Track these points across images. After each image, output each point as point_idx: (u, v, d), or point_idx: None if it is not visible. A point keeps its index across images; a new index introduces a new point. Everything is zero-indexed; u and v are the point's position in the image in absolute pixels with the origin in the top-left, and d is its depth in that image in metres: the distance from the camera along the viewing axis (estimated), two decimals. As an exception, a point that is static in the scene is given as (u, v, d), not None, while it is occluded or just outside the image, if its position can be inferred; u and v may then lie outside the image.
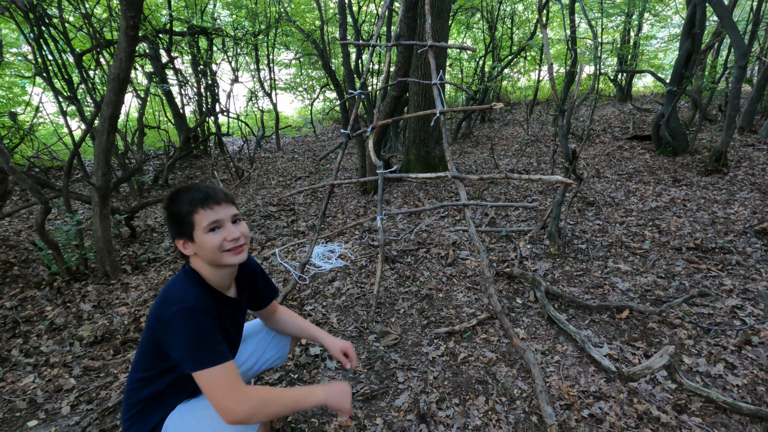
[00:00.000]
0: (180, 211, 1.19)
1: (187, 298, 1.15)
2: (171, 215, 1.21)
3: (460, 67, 10.84)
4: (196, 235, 1.19)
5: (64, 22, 4.30)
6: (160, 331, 1.14)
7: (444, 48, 5.07)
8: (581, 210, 4.10)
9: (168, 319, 1.12)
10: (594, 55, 8.26)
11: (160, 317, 1.14)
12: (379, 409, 1.80)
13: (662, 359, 1.60)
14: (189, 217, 1.19)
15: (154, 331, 1.17)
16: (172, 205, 1.21)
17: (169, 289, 1.19)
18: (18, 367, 2.18)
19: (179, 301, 1.14)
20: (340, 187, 5.74)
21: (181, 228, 1.21)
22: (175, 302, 1.14)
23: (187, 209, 1.19)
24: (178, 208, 1.20)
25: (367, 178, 3.12)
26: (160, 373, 1.24)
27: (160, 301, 1.17)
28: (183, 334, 1.11)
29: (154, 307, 1.18)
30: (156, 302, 1.19)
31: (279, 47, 10.44)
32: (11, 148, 5.92)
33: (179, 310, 1.12)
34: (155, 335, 1.17)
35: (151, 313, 1.20)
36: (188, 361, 1.11)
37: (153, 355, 1.21)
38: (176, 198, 1.21)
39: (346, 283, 2.97)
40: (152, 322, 1.18)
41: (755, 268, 2.77)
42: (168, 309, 1.13)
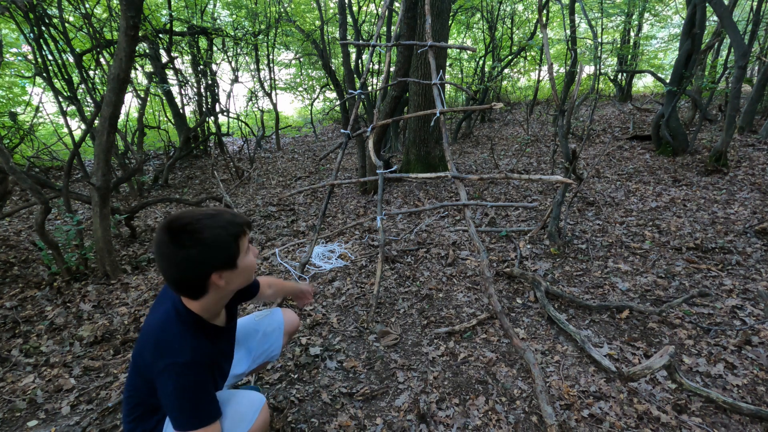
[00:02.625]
0: (223, 240, 1.07)
1: (182, 350, 1.07)
2: (211, 247, 1.05)
3: (460, 67, 10.84)
4: (240, 260, 1.11)
5: (64, 22, 4.30)
6: (149, 378, 1.09)
7: (444, 48, 5.07)
8: (581, 210, 4.10)
9: (161, 371, 1.05)
10: (594, 55, 8.26)
11: (151, 365, 1.07)
12: (379, 409, 1.80)
13: (662, 359, 1.60)
14: (235, 244, 1.09)
15: (145, 373, 1.11)
16: (209, 236, 1.04)
17: (162, 333, 1.09)
18: (18, 367, 2.18)
19: (174, 352, 1.06)
20: (340, 187, 5.74)
21: (224, 257, 1.08)
22: (169, 353, 1.06)
23: (231, 236, 1.08)
24: (219, 236, 1.06)
25: (367, 178, 3.12)
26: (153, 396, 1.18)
27: (153, 347, 1.08)
28: (174, 390, 1.05)
29: (144, 348, 1.10)
30: (146, 343, 1.11)
31: (279, 47, 10.43)
32: (11, 148, 5.92)
33: (174, 364, 1.05)
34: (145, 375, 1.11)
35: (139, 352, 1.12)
36: (174, 419, 1.06)
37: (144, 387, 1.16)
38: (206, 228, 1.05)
39: (346, 283, 2.97)
40: (141, 365, 1.11)
41: (755, 268, 2.77)
42: (161, 360, 1.05)
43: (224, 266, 1.09)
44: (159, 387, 1.06)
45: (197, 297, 1.12)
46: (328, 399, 1.85)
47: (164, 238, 1.03)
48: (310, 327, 2.44)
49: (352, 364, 2.08)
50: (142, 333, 1.17)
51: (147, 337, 1.11)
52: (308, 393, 1.91)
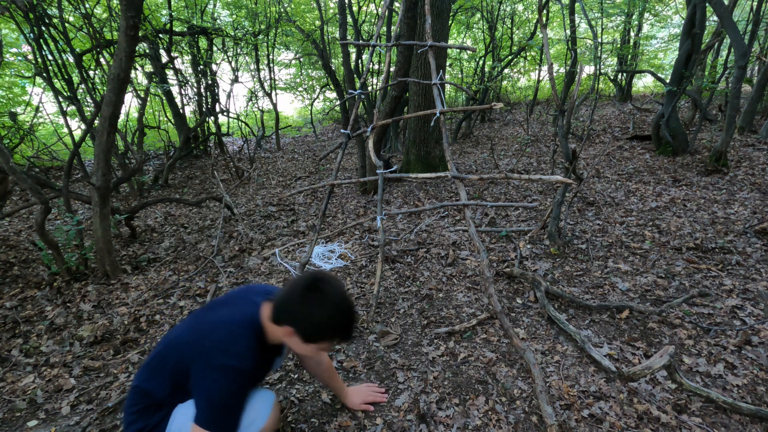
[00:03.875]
0: (328, 329, 1.18)
1: (244, 358, 1.13)
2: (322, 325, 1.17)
3: (460, 67, 10.84)
4: (311, 347, 1.21)
5: (64, 22, 4.30)
6: (197, 367, 1.12)
7: (444, 48, 5.07)
8: (581, 210, 4.10)
9: (215, 366, 1.11)
10: (594, 55, 8.26)
11: (206, 356, 1.12)
12: (379, 409, 1.80)
13: (662, 359, 1.60)
14: (329, 339, 1.20)
15: (189, 362, 1.15)
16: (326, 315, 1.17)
17: (235, 330, 1.16)
18: (18, 367, 2.18)
19: (236, 356, 1.12)
20: (340, 187, 5.74)
21: (314, 336, 1.19)
22: (230, 355, 1.12)
23: (336, 332, 1.19)
24: (331, 323, 1.18)
25: (367, 178, 3.12)
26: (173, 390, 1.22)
27: (215, 342, 1.14)
28: (218, 389, 1.10)
29: (202, 337, 1.15)
30: (205, 333, 1.16)
31: (279, 47, 10.43)
32: (11, 148, 5.92)
33: (231, 367, 1.11)
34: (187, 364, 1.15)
35: (190, 339, 1.17)
36: (201, 413, 1.11)
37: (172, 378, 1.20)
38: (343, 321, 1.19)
39: (346, 283, 2.97)
40: (192, 352, 1.15)
41: (755, 268, 2.77)
42: (220, 356, 1.11)
43: (310, 341, 1.20)
44: (202, 379, 1.11)
45: (279, 324, 1.21)
46: (328, 399, 1.85)
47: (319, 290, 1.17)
48: (310, 327, 2.44)
49: (352, 364, 2.08)
50: (202, 320, 1.22)
51: (213, 327, 1.16)
52: (308, 393, 1.91)
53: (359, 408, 1.76)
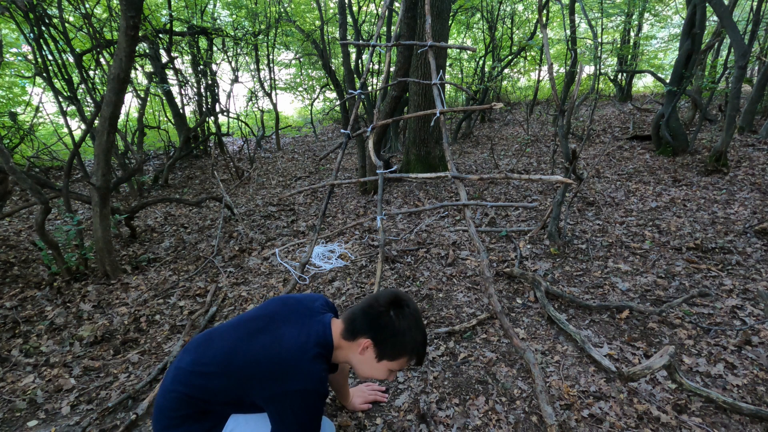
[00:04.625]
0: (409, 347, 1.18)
1: (316, 380, 1.09)
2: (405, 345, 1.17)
3: (460, 67, 10.84)
4: (383, 365, 1.19)
5: (64, 22, 4.30)
6: (273, 390, 1.07)
7: (444, 48, 5.07)
8: (581, 210, 4.10)
9: (286, 392, 1.06)
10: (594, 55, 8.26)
11: (283, 380, 1.06)
12: (379, 409, 1.80)
13: (662, 359, 1.60)
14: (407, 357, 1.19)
15: (259, 382, 1.09)
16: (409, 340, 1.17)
17: (308, 355, 1.11)
18: (18, 367, 2.18)
19: (308, 379, 1.07)
20: (340, 187, 5.74)
21: (394, 352, 1.18)
22: (302, 378, 1.07)
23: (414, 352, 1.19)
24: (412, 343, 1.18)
25: (367, 178, 3.12)
26: (227, 402, 1.17)
27: (293, 365, 1.08)
28: (295, 416, 1.06)
29: (274, 358, 1.09)
30: (277, 354, 1.10)
31: (279, 47, 10.43)
32: (11, 148, 5.92)
33: (305, 391, 1.06)
34: (256, 384, 1.09)
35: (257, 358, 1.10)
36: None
37: (230, 391, 1.14)
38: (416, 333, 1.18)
39: (346, 283, 2.97)
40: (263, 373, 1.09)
41: (755, 268, 2.77)
42: (292, 382, 1.06)
43: (386, 357, 1.19)
44: (274, 406, 1.08)
45: (347, 338, 1.20)
46: (328, 399, 1.85)
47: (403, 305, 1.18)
48: (310, 327, 2.44)
49: (352, 364, 2.08)
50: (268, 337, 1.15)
51: (287, 349, 1.11)
52: (308, 393, 1.91)
53: (359, 409, 1.76)
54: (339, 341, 1.20)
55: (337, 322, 1.24)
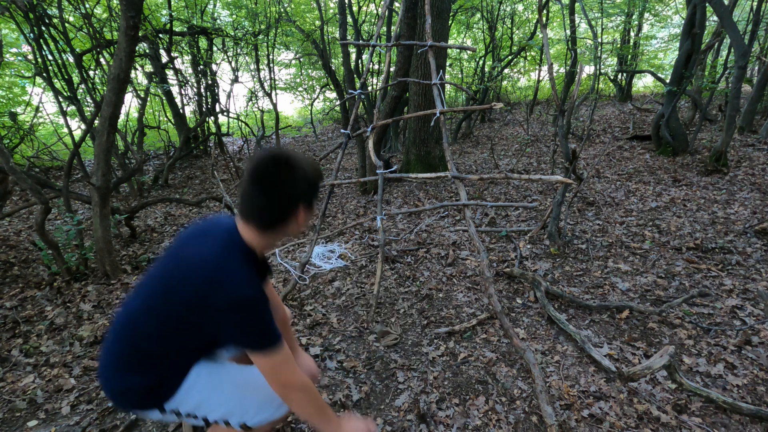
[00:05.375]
0: (315, 179, 1.14)
1: (244, 283, 1.04)
2: (307, 181, 1.12)
3: (460, 67, 10.84)
4: (313, 205, 1.17)
5: (64, 22, 4.30)
6: (206, 317, 1.04)
7: (444, 48, 5.07)
8: (581, 210, 4.10)
9: (225, 309, 1.02)
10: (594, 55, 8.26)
11: (210, 303, 1.02)
12: (379, 409, 1.80)
13: (662, 359, 1.60)
14: (318, 186, 1.16)
15: (193, 312, 1.05)
16: (308, 171, 1.12)
17: (219, 265, 1.05)
18: (18, 367, 2.18)
19: (236, 285, 1.02)
20: (340, 187, 5.74)
21: (313, 193, 1.15)
22: (231, 286, 1.02)
23: (318, 178, 1.15)
24: (314, 174, 1.14)
25: (367, 178, 3.12)
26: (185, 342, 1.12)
27: (205, 280, 1.03)
28: (243, 326, 1.03)
29: (193, 281, 1.04)
30: (193, 274, 1.05)
31: (279, 47, 10.42)
32: (11, 148, 5.92)
33: (238, 300, 1.02)
34: (193, 316, 1.05)
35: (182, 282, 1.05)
36: (249, 348, 1.06)
37: (180, 327, 1.09)
38: (306, 165, 1.12)
39: (346, 283, 2.97)
40: (191, 301, 1.04)
41: (755, 268, 2.77)
42: (222, 294, 1.02)
43: (308, 202, 1.14)
44: (222, 326, 1.04)
45: (272, 227, 1.13)
46: (328, 399, 1.85)
47: (270, 164, 1.07)
48: (310, 327, 2.44)
49: (352, 364, 2.08)
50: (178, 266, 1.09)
51: (199, 268, 1.06)
52: (308, 393, 1.91)
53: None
54: (253, 236, 1.14)
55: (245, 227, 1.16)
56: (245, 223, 1.13)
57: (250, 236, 1.14)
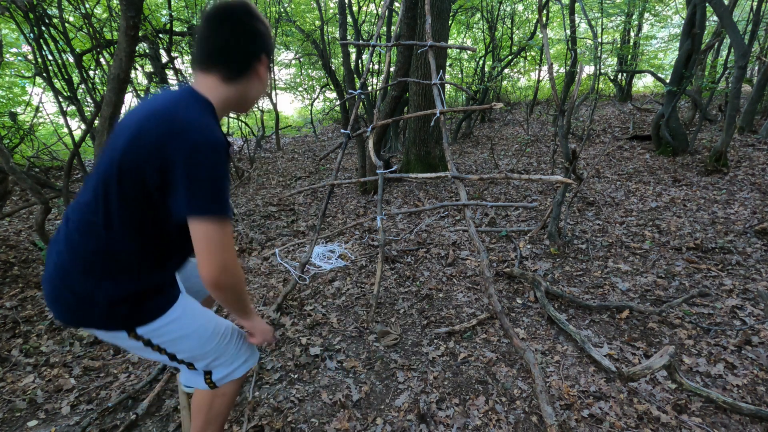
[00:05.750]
0: (269, 35, 1.09)
1: (213, 130, 0.94)
2: (267, 34, 1.08)
3: (460, 67, 10.84)
4: (270, 63, 1.14)
5: (64, 22, 4.30)
6: (167, 159, 0.91)
7: (444, 48, 5.07)
8: (581, 210, 4.10)
9: (183, 158, 0.90)
10: (594, 55, 8.26)
11: (167, 155, 0.91)
12: (379, 409, 1.80)
13: (662, 359, 1.60)
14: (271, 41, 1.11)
15: (148, 175, 0.92)
16: (267, 25, 1.08)
17: (185, 110, 0.95)
18: (18, 367, 2.18)
19: (205, 129, 0.93)
20: (340, 187, 5.74)
21: (271, 47, 1.10)
22: (199, 129, 0.92)
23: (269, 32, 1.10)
24: (269, 31, 1.09)
25: (367, 178, 3.12)
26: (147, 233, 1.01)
27: (162, 132, 0.92)
28: (206, 170, 0.91)
29: (148, 135, 0.92)
30: (156, 122, 0.93)
31: (279, 47, 10.43)
32: (11, 148, 5.92)
33: (207, 142, 0.92)
34: (150, 179, 0.93)
35: (134, 142, 0.93)
36: (204, 209, 0.93)
37: (137, 206, 0.97)
38: (264, 19, 1.08)
39: (346, 283, 2.97)
40: (146, 161, 0.92)
41: (755, 268, 2.77)
42: (182, 139, 0.91)
43: (268, 55, 1.10)
44: (183, 168, 0.91)
45: (237, 74, 1.05)
46: (328, 399, 1.85)
47: (235, 6, 1.03)
48: (310, 327, 2.44)
49: (352, 364, 2.09)
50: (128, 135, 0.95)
51: (156, 115, 0.94)
52: (308, 393, 1.91)
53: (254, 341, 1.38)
54: (211, 92, 1.05)
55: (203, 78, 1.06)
56: (205, 76, 1.04)
57: (211, 89, 1.04)
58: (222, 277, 0.98)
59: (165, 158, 0.92)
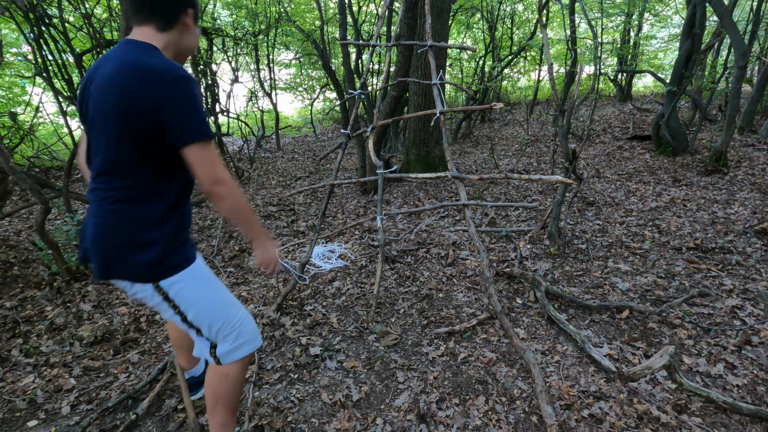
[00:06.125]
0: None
1: (178, 67, 1.09)
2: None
3: (460, 67, 10.84)
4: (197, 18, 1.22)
5: (64, 22, 4.30)
6: (158, 94, 1.04)
7: (444, 48, 5.07)
8: (581, 210, 4.10)
9: (171, 81, 1.05)
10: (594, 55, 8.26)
11: (160, 78, 1.04)
12: (379, 409, 1.80)
13: (662, 359, 1.60)
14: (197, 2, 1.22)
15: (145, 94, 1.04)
16: None
17: (149, 59, 1.07)
18: (18, 367, 2.18)
19: (172, 68, 1.07)
20: (340, 187, 5.74)
21: (196, 3, 1.21)
22: (169, 69, 1.06)
23: None
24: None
25: (367, 178, 3.12)
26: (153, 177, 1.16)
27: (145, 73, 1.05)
28: (188, 99, 1.07)
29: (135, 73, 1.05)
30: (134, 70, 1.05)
31: (279, 47, 10.43)
32: (11, 148, 5.92)
33: (182, 77, 1.06)
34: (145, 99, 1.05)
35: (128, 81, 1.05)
36: (195, 129, 1.09)
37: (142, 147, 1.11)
38: None
39: (346, 283, 2.97)
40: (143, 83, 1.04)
41: (755, 268, 2.77)
42: (166, 75, 1.05)
43: (194, 11, 1.21)
44: (172, 104, 1.06)
45: (169, 23, 1.17)
46: (328, 399, 1.85)
47: None
48: (310, 327, 2.44)
49: (352, 364, 2.09)
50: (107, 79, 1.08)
51: (128, 69, 1.06)
52: (308, 393, 1.91)
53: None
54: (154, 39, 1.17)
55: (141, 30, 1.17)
56: (140, 28, 1.16)
57: (149, 38, 1.16)
58: (219, 187, 1.14)
59: (154, 103, 1.05)
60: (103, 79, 1.09)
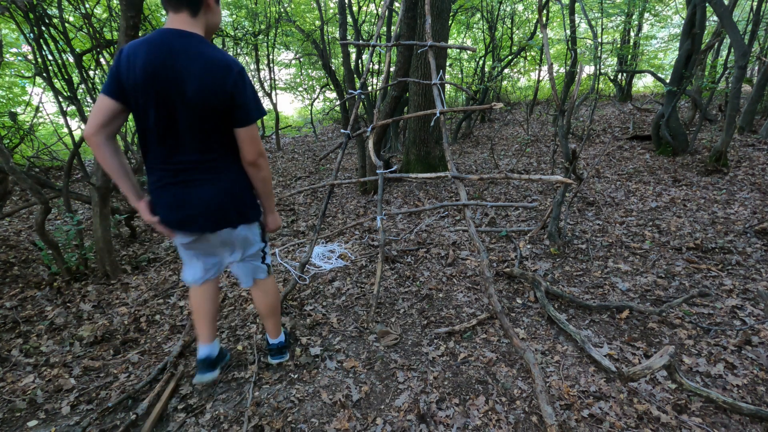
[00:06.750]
0: None
1: (233, 58, 1.35)
2: None
3: (460, 67, 10.84)
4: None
5: (64, 22, 4.30)
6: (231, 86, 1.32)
7: (444, 48, 5.07)
8: (581, 210, 4.10)
9: (238, 72, 1.33)
10: (594, 55, 8.26)
11: (230, 71, 1.31)
12: (379, 409, 1.80)
13: (662, 359, 1.60)
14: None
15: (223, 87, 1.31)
16: None
17: (216, 52, 1.33)
18: (18, 367, 2.18)
19: (232, 60, 1.34)
20: (340, 187, 5.74)
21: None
22: (235, 61, 1.34)
23: None
24: None
25: (367, 178, 3.12)
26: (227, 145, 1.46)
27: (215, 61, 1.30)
28: (251, 87, 1.39)
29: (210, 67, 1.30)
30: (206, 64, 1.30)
31: (279, 47, 10.43)
32: (11, 148, 5.92)
33: (242, 68, 1.36)
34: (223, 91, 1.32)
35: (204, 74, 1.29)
36: (254, 111, 1.41)
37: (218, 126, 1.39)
38: None
39: (346, 283, 2.97)
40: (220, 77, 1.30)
41: (755, 268, 2.77)
42: (234, 65, 1.32)
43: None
44: (240, 88, 1.35)
45: (196, 13, 1.35)
46: (328, 399, 1.85)
47: None
48: (310, 327, 2.44)
49: (352, 364, 2.09)
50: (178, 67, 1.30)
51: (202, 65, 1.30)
52: (308, 393, 1.91)
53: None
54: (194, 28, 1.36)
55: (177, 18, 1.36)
56: (178, 17, 1.34)
57: (189, 25, 1.35)
58: (261, 159, 1.49)
59: (229, 92, 1.33)
60: (170, 70, 1.29)
